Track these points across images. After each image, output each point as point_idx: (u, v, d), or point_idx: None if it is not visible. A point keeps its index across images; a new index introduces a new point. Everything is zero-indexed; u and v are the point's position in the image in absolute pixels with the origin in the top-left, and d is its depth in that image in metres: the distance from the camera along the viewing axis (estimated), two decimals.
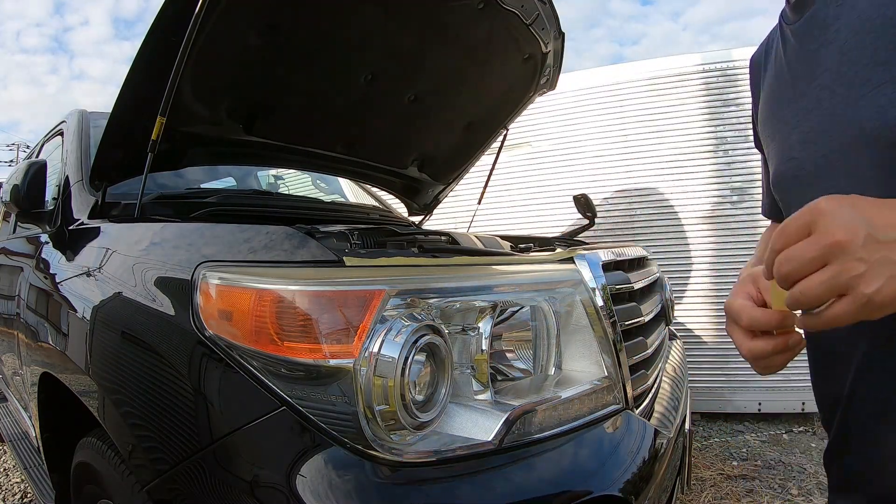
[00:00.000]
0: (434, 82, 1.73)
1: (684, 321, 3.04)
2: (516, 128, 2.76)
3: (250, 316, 0.65)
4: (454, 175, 2.32)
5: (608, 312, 0.89)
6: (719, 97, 3.04)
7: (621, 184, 3.20)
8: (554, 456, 0.73)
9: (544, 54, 1.72)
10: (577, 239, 1.94)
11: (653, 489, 0.82)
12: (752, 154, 2.97)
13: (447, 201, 2.75)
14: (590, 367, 0.88)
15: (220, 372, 0.68)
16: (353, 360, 0.60)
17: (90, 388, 0.93)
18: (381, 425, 0.61)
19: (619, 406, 0.87)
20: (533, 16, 1.52)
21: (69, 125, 1.75)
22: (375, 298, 0.62)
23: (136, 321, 0.84)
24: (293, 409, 0.62)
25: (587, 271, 0.90)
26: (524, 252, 1.18)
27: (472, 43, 1.59)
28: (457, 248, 1.02)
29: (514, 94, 1.95)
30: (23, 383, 1.45)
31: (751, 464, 2.46)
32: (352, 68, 1.55)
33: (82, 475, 1.03)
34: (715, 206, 3.02)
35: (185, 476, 0.69)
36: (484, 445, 0.66)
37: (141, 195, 1.14)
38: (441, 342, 0.66)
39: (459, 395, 0.73)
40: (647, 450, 0.85)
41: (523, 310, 0.83)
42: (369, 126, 1.83)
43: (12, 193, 1.46)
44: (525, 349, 0.85)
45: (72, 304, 1.06)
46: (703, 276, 3.03)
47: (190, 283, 0.74)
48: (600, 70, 3.32)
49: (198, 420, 0.70)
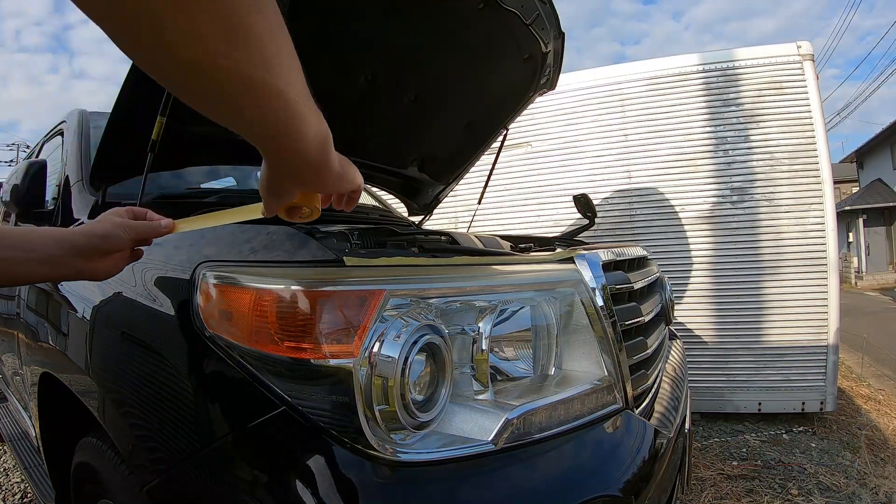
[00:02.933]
0: (434, 82, 1.73)
1: (684, 321, 3.04)
2: (516, 128, 2.76)
3: (250, 316, 0.65)
4: (454, 175, 2.32)
5: (608, 312, 0.89)
6: (719, 97, 3.04)
7: (621, 184, 3.20)
8: (554, 456, 0.73)
9: (544, 54, 1.72)
10: (577, 239, 1.94)
11: (653, 489, 0.82)
12: (752, 154, 2.97)
13: (447, 201, 2.75)
14: (590, 367, 0.88)
15: (220, 372, 0.68)
16: (353, 360, 0.59)
17: (90, 388, 0.93)
18: (381, 425, 0.61)
19: (619, 406, 0.87)
20: (533, 16, 1.52)
21: (69, 125, 1.75)
22: (375, 298, 0.62)
23: (136, 321, 0.84)
24: (293, 409, 0.62)
25: (587, 271, 0.90)
26: (524, 252, 1.18)
27: (472, 43, 1.59)
28: (457, 248, 1.02)
29: (514, 94, 1.95)
30: (23, 383, 1.45)
31: (751, 464, 2.46)
32: (352, 68, 1.55)
33: (82, 475, 1.03)
34: (715, 206, 3.03)
35: (185, 476, 0.69)
36: (484, 445, 0.66)
37: (141, 195, 1.14)
38: (441, 342, 0.66)
39: (459, 395, 0.73)
40: (647, 450, 0.85)
41: (523, 310, 0.83)
42: (369, 126, 1.83)
43: (12, 193, 1.46)
44: (525, 349, 0.85)
45: (72, 303, 1.06)
46: (702, 276, 3.03)
47: (190, 283, 0.74)
48: (600, 70, 3.32)
49: (198, 420, 0.70)
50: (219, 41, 0.32)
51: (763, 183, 2.95)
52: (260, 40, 0.34)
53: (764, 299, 2.96)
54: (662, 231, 3.11)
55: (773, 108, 2.96)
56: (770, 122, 2.96)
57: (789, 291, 2.92)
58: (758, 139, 2.97)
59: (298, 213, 0.56)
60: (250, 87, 0.35)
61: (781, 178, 2.94)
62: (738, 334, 2.99)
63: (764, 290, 2.96)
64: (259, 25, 0.33)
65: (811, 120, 2.91)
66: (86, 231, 0.63)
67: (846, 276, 14.61)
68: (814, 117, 2.91)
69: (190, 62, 0.32)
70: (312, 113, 0.42)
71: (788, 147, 2.94)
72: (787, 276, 2.92)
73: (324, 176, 0.48)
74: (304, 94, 0.40)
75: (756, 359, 2.97)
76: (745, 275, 2.97)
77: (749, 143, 2.99)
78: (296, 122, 0.40)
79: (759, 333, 2.97)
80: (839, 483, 2.24)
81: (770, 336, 2.95)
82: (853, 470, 2.38)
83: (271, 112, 0.38)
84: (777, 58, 2.96)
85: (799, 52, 2.95)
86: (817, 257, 2.89)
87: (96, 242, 0.62)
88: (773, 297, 2.94)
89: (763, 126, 2.97)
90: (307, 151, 0.44)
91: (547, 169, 3.38)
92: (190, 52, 0.31)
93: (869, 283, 14.55)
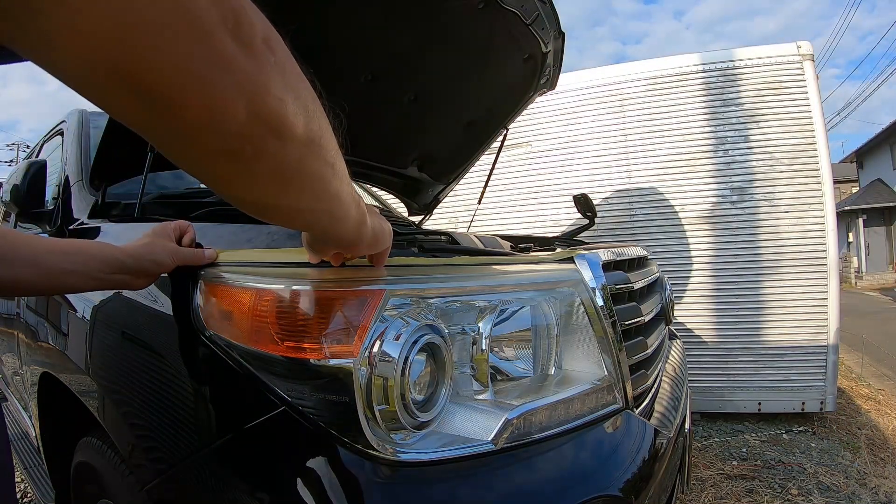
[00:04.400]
0: (434, 82, 1.73)
1: (684, 321, 3.04)
2: (516, 128, 2.76)
3: (250, 316, 0.65)
4: (454, 175, 2.32)
5: (608, 312, 0.89)
6: (719, 97, 3.04)
7: (621, 184, 3.20)
8: (554, 456, 0.73)
9: (544, 54, 1.72)
10: (577, 239, 1.94)
11: (653, 489, 0.82)
12: (752, 154, 2.97)
13: (447, 201, 2.75)
14: (590, 366, 0.88)
15: (220, 372, 0.68)
16: (353, 360, 0.59)
17: (90, 387, 0.93)
18: (381, 425, 0.61)
19: (619, 406, 0.87)
20: (533, 15, 1.52)
21: (69, 125, 1.75)
22: (375, 298, 0.62)
23: (136, 321, 0.84)
24: (293, 409, 0.62)
25: (587, 271, 0.90)
26: (524, 252, 1.18)
27: (472, 43, 1.59)
28: (457, 248, 1.01)
29: (514, 94, 1.95)
30: (23, 383, 1.45)
31: (750, 463, 2.46)
32: (352, 68, 1.55)
33: (82, 475, 1.03)
34: (714, 206, 3.03)
35: (185, 476, 0.69)
36: (484, 445, 0.66)
37: (141, 195, 1.14)
38: (441, 342, 0.66)
39: (459, 394, 0.73)
40: (647, 449, 0.85)
41: (523, 310, 0.83)
42: (369, 126, 1.83)
43: (12, 193, 1.46)
44: (525, 349, 0.85)
45: (71, 303, 1.06)
46: (702, 275, 3.03)
47: (190, 283, 0.74)
48: (600, 70, 3.32)
49: (198, 420, 0.70)
50: (308, 202, 0.41)
51: (763, 183, 2.95)
52: (338, 191, 0.42)
53: (764, 299, 2.96)
54: (662, 231, 3.11)
55: (772, 108, 2.96)
56: (770, 121, 2.96)
57: (789, 291, 2.92)
58: (757, 139, 2.97)
59: (340, 258, 0.64)
60: (308, 212, 0.43)
61: (781, 178, 2.94)
62: (737, 334, 2.99)
63: (764, 290, 2.96)
64: (334, 182, 0.41)
65: (811, 120, 2.91)
66: (136, 254, 0.69)
67: (846, 276, 14.61)
68: (814, 117, 2.91)
69: (275, 208, 0.40)
70: (355, 206, 0.48)
71: (788, 147, 2.94)
72: (786, 276, 2.92)
73: (357, 247, 0.56)
74: (353, 194, 0.47)
75: (756, 359, 2.97)
76: (745, 275, 2.97)
77: (749, 143, 2.99)
78: (336, 223, 0.48)
79: (759, 333, 2.97)
80: (839, 483, 2.24)
81: (770, 336, 2.95)
82: (853, 470, 2.38)
83: (318, 223, 0.46)
84: (777, 58, 2.96)
85: (799, 52, 2.95)
86: (817, 257, 2.89)
87: (146, 266, 0.69)
88: (773, 296, 2.94)
89: (763, 126, 2.97)
90: (344, 236, 0.51)
91: (547, 169, 3.38)
92: (284, 209, 0.41)
93: (869, 283, 14.55)
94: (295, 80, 0.32)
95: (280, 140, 0.32)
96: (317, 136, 0.36)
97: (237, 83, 0.27)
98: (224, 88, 0.26)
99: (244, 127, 0.29)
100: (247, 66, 0.27)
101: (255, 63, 0.28)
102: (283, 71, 0.31)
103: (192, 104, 0.26)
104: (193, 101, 0.26)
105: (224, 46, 0.26)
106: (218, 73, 0.26)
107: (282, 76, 0.30)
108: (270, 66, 0.29)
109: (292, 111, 0.32)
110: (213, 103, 0.27)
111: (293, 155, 0.34)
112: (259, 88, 0.28)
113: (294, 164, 0.35)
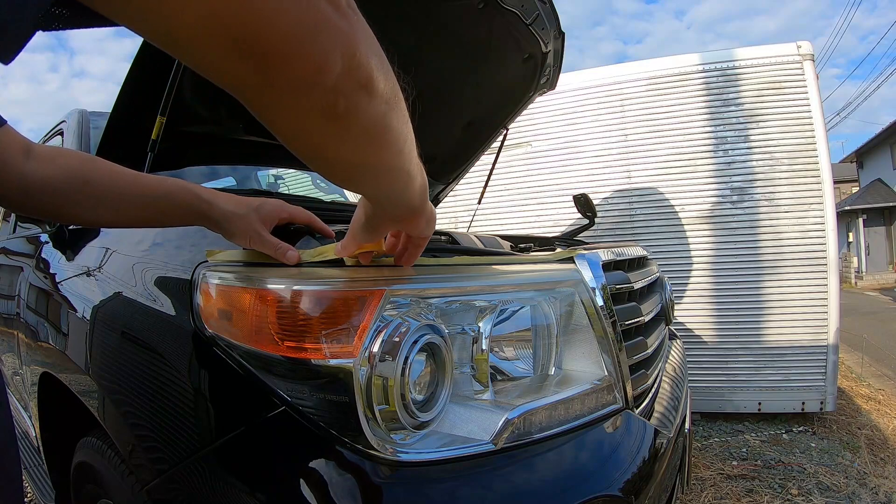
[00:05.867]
0: (434, 82, 1.73)
1: (684, 321, 3.04)
2: (516, 128, 2.76)
3: (250, 316, 0.65)
4: (454, 175, 2.32)
5: (608, 312, 0.89)
6: (719, 97, 3.04)
7: (621, 183, 3.20)
8: (554, 456, 0.73)
9: (544, 54, 1.72)
10: (577, 239, 1.94)
11: (653, 489, 0.82)
12: (752, 154, 2.97)
13: (447, 201, 2.75)
14: (590, 366, 0.88)
15: (220, 372, 0.68)
16: (353, 360, 0.59)
17: (90, 387, 0.93)
18: (381, 425, 0.61)
19: (619, 406, 0.87)
20: (533, 15, 1.52)
21: (69, 125, 1.75)
22: (375, 298, 0.62)
23: (136, 321, 0.84)
24: (293, 409, 0.62)
25: (587, 271, 0.90)
26: (524, 252, 1.18)
27: (472, 43, 1.59)
28: (457, 248, 1.01)
29: (514, 94, 1.95)
30: (23, 383, 1.45)
31: (750, 463, 2.46)
32: None
33: (82, 475, 1.03)
34: (714, 206, 3.03)
35: (186, 476, 0.69)
36: (484, 445, 0.66)
37: None
38: (441, 342, 0.66)
39: (459, 394, 0.73)
40: (647, 450, 0.85)
41: (523, 310, 0.83)
42: None
43: None
44: (525, 349, 0.85)
45: (72, 303, 1.06)
46: (702, 275, 3.04)
47: (190, 283, 0.74)
48: (600, 69, 3.32)
49: (198, 420, 0.70)
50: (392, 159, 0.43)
51: (763, 183, 2.95)
52: (411, 151, 0.45)
53: (764, 299, 2.96)
54: (662, 231, 3.11)
55: (772, 107, 2.96)
56: (770, 121, 2.96)
57: (789, 291, 2.92)
58: (757, 139, 2.97)
59: (370, 256, 0.65)
60: (389, 170, 0.45)
61: (781, 178, 2.94)
62: (738, 334, 2.99)
63: (764, 290, 2.96)
64: (409, 140, 0.44)
65: (811, 120, 2.91)
66: (223, 216, 0.72)
67: (846, 275, 14.61)
68: (814, 117, 2.91)
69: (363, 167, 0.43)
70: (419, 170, 0.51)
71: (788, 147, 2.94)
72: (786, 276, 2.92)
73: (418, 218, 0.58)
74: (416, 158, 0.49)
75: (756, 359, 2.97)
76: (745, 275, 2.97)
77: (749, 143, 2.99)
78: (410, 183, 0.50)
79: (759, 333, 2.97)
80: (839, 483, 2.24)
81: (770, 336, 2.95)
82: (853, 470, 2.38)
83: (398, 182, 0.48)
84: (777, 58, 2.96)
85: (799, 51, 2.95)
86: (817, 257, 2.89)
87: (226, 228, 0.72)
88: (773, 296, 2.94)
89: (763, 126, 2.97)
90: (412, 200, 0.53)
91: (547, 169, 3.38)
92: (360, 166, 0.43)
93: (869, 282, 14.55)
94: (374, 40, 0.35)
95: (368, 95, 0.35)
96: (396, 94, 0.39)
97: (334, 40, 0.30)
98: (324, 44, 0.30)
99: (339, 80, 0.31)
100: (341, 24, 0.30)
101: (347, 22, 0.31)
102: (365, 31, 0.34)
103: (297, 61, 0.29)
104: (299, 58, 0.29)
105: (323, 7, 0.29)
106: (322, 31, 0.29)
107: (364, 36, 0.33)
108: (357, 25, 0.32)
109: (377, 67, 0.35)
110: (317, 58, 0.30)
111: (380, 109, 0.36)
112: (351, 44, 0.31)
113: (381, 120, 0.37)
